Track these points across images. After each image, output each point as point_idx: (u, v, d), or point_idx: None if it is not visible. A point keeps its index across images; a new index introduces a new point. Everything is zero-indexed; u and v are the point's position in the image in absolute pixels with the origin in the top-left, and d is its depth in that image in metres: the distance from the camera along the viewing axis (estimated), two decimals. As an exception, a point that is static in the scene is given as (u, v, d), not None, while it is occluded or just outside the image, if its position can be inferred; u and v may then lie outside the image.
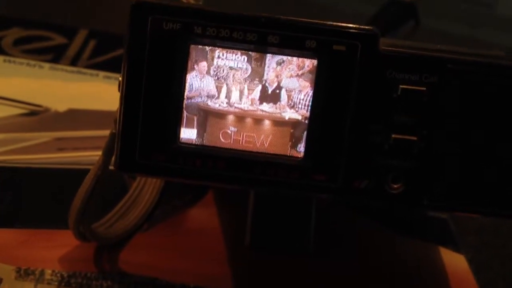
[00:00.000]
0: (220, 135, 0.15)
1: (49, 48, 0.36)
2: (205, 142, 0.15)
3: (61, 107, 0.30)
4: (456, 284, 0.21)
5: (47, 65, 0.34)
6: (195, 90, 0.15)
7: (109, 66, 0.35)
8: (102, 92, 0.32)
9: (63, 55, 0.35)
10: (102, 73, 0.34)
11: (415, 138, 0.14)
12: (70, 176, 0.25)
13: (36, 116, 0.29)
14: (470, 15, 0.64)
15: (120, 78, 0.16)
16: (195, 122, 0.15)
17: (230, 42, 0.14)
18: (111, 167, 0.18)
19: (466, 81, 0.14)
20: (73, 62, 0.35)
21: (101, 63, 0.35)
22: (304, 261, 0.21)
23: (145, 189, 0.23)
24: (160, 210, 0.23)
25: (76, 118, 0.29)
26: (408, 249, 0.23)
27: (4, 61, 0.33)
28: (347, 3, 0.65)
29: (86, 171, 0.22)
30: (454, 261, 0.23)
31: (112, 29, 0.42)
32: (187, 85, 0.14)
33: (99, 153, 0.23)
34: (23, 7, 0.45)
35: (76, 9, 0.48)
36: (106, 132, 0.27)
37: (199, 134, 0.15)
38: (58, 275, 0.20)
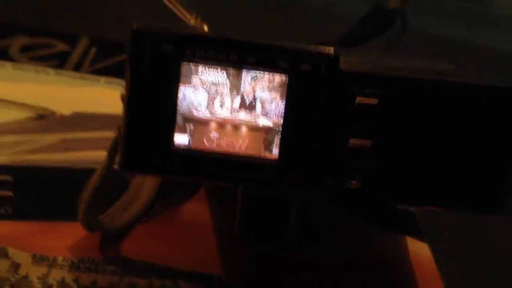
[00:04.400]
0: (205, 140, 0.17)
1: (53, 54, 0.38)
2: (193, 146, 0.17)
3: (66, 110, 0.33)
4: (418, 269, 0.24)
5: (52, 71, 0.36)
6: (186, 101, 0.17)
7: (109, 72, 0.37)
8: (103, 97, 0.34)
9: (66, 61, 0.38)
10: (103, 79, 0.36)
11: (369, 142, 0.17)
12: (76, 174, 0.28)
13: (44, 119, 0.32)
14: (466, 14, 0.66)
15: (123, 90, 0.19)
16: (187, 129, 0.17)
17: (214, 62, 0.17)
18: (115, 166, 0.20)
19: (411, 95, 0.17)
20: (76, 68, 0.37)
21: (102, 69, 0.37)
22: (287, 251, 0.24)
23: (144, 186, 0.25)
24: (157, 205, 0.26)
25: (81, 120, 0.32)
26: (378, 240, 0.25)
27: (13, 67, 0.36)
28: (342, 4, 0.67)
29: (90, 169, 0.24)
30: (419, 250, 0.26)
31: (111, 36, 0.45)
32: (179, 97, 0.17)
33: (102, 152, 0.26)
34: (25, 14, 0.48)
35: (76, 16, 0.50)
36: (109, 133, 0.30)
37: (189, 139, 0.17)
38: (69, 260, 0.22)
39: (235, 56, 0.17)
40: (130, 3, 0.43)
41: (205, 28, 0.34)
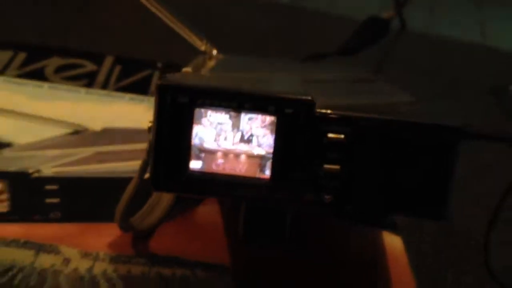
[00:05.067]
0: (213, 165, 0.22)
1: (83, 74, 0.43)
2: (205, 170, 0.22)
3: (97, 126, 0.38)
4: (391, 259, 0.29)
5: (83, 90, 0.42)
6: (198, 137, 0.22)
7: (133, 88, 0.42)
8: (129, 112, 0.39)
9: (94, 80, 0.43)
10: (127, 95, 0.41)
11: (338, 167, 0.22)
12: (109, 182, 0.33)
13: (79, 135, 0.37)
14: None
15: (150, 125, 0.24)
16: (200, 157, 0.22)
17: (220, 107, 0.22)
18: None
19: (368, 131, 0.22)
20: (104, 86, 0.42)
21: (126, 86, 0.43)
22: (281, 248, 0.29)
23: (165, 194, 0.31)
24: (176, 208, 0.31)
25: (110, 135, 0.37)
26: (358, 234, 0.31)
27: (49, 87, 0.42)
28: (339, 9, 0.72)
29: (121, 178, 0.30)
30: (393, 242, 0.31)
31: (133, 55, 0.50)
32: (193, 133, 0.22)
33: (130, 163, 0.32)
34: (57, 37, 0.53)
35: (101, 36, 0.55)
36: (135, 146, 0.35)
37: (202, 165, 0.22)
38: (108, 255, 0.28)
39: (235, 103, 0.22)
40: (149, 26, 0.47)
41: (214, 51, 0.39)
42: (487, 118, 0.59)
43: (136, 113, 0.38)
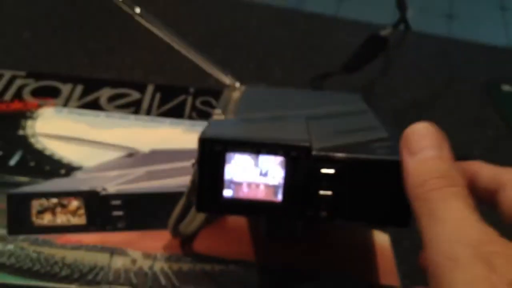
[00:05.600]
0: (240, 193, 0.31)
1: (130, 102, 0.52)
2: (234, 197, 0.31)
3: (145, 148, 0.47)
4: (379, 253, 0.38)
5: (132, 117, 0.50)
6: (229, 173, 0.31)
7: (171, 113, 0.50)
8: (170, 134, 0.47)
9: (140, 107, 0.51)
10: (168, 120, 0.50)
11: (330, 193, 0.30)
12: (159, 197, 0.42)
13: (132, 157, 0.46)
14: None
15: (194, 162, 0.32)
16: (230, 187, 0.31)
17: (244, 152, 0.30)
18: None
19: (349, 165, 0.30)
20: (148, 112, 0.51)
21: (166, 111, 0.51)
22: (295, 242, 0.37)
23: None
24: (212, 218, 0.40)
25: (157, 155, 0.46)
26: (351, 231, 0.39)
27: (105, 116, 0.50)
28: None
29: (169, 192, 0.39)
30: (381, 238, 0.39)
31: (171, 82, 0.58)
32: (225, 171, 0.31)
33: (176, 179, 0.41)
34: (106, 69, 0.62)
35: (142, 67, 0.64)
36: (178, 164, 0.44)
37: (232, 193, 0.31)
38: (164, 255, 0.37)
39: (255, 150, 0.30)
40: (181, 61, 0.55)
41: (237, 84, 0.47)
42: (480, 116, 0.66)
43: (176, 135, 0.47)
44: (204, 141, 0.30)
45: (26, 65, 0.62)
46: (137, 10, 0.46)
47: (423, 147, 0.28)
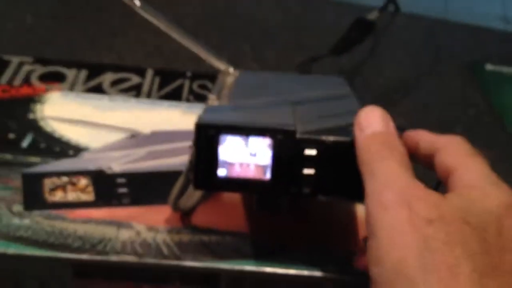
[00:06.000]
0: (232, 172, 0.34)
1: (131, 86, 0.55)
2: (227, 176, 0.34)
3: (146, 129, 0.50)
4: (359, 226, 0.41)
5: (133, 100, 0.53)
6: (222, 154, 0.34)
7: (170, 96, 0.54)
8: (169, 116, 0.50)
9: (140, 91, 0.55)
10: (167, 103, 0.53)
11: (313, 170, 0.34)
12: (161, 175, 0.45)
13: (134, 138, 0.49)
14: None
15: (191, 145, 0.36)
16: (224, 167, 0.34)
17: (236, 134, 0.34)
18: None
19: (330, 146, 0.33)
20: (148, 96, 0.54)
21: (165, 94, 0.54)
22: (282, 216, 0.41)
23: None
24: (208, 193, 0.43)
25: (157, 137, 0.49)
26: (333, 206, 0.43)
27: (108, 99, 0.53)
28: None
29: (169, 171, 0.42)
30: (362, 212, 0.43)
31: (169, 65, 0.62)
32: (218, 152, 0.34)
33: (175, 159, 0.44)
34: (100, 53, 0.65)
35: (142, 53, 0.68)
36: (177, 145, 0.47)
37: (225, 172, 0.34)
38: (165, 228, 0.40)
39: (245, 132, 0.34)
40: (179, 44, 0.59)
41: (231, 69, 0.50)
42: (463, 95, 0.70)
43: (175, 117, 0.50)
44: (200, 126, 0.34)
45: (31, 50, 0.66)
46: (137, 2, 0.49)
47: (370, 123, 0.32)
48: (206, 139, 0.34)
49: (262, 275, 0.38)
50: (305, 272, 0.38)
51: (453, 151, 0.31)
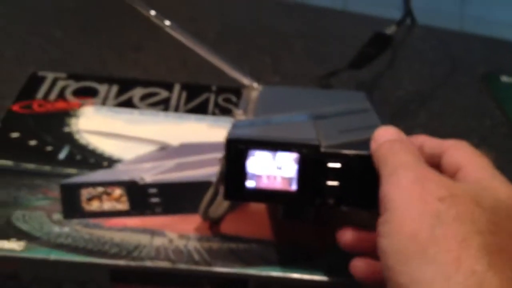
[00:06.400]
0: (261, 184, 0.37)
1: (160, 100, 0.57)
2: (256, 187, 0.37)
3: (175, 142, 0.52)
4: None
5: (162, 114, 0.56)
6: (251, 167, 0.37)
7: (197, 110, 0.56)
8: (196, 129, 0.53)
9: (169, 104, 0.57)
10: (193, 116, 0.55)
11: (337, 182, 0.36)
12: (189, 186, 0.48)
13: (164, 150, 0.52)
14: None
15: (221, 157, 0.38)
16: (253, 179, 0.37)
17: (264, 149, 0.36)
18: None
19: (353, 160, 0.35)
20: (176, 109, 0.57)
21: (192, 108, 0.57)
22: (307, 225, 0.44)
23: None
24: (236, 203, 0.46)
25: (186, 149, 0.52)
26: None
27: (139, 113, 0.56)
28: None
29: (197, 182, 0.45)
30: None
31: (194, 78, 0.64)
32: (247, 165, 0.37)
33: (203, 170, 0.47)
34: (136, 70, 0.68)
35: (168, 68, 0.70)
36: (206, 156, 0.50)
37: (254, 184, 0.37)
38: (196, 236, 0.43)
39: (272, 148, 0.36)
40: (203, 58, 0.61)
41: (255, 84, 0.53)
42: (478, 106, 0.72)
43: (202, 129, 0.53)
44: (230, 141, 0.36)
45: (60, 64, 0.69)
46: (167, 22, 0.51)
47: (384, 136, 0.35)
48: (235, 153, 0.36)
49: (288, 281, 0.40)
50: (330, 279, 0.40)
51: (461, 150, 0.34)
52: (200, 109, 0.55)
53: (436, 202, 0.28)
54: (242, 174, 0.37)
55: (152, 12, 0.51)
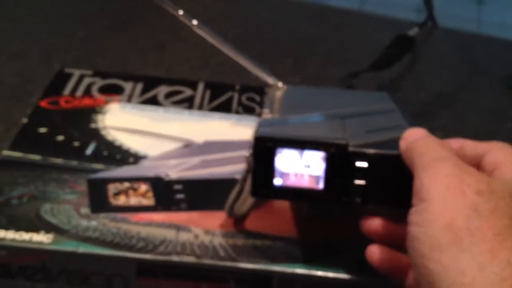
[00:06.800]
0: (288, 181, 0.37)
1: (184, 99, 0.58)
2: (283, 185, 0.37)
3: (199, 139, 0.53)
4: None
5: (186, 112, 0.56)
6: (278, 164, 0.37)
7: (221, 108, 0.57)
8: (220, 127, 0.53)
9: (193, 103, 0.58)
10: (217, 114, 0.56)
11: (364, 181, 0.36)
12: (214, 183, 0.49)
13: (188, 147, 0.52)
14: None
15: (247, 154, 0.39)
16: (281, 176, 0.37)
17: (292, 148, 0.37)
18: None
19: (380, 159, 0.36)
20: (200, 107, 0.57)
21: (216, 106, 0.57)
22: (331, 222, 0.44)
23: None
24: (261, 200, 0.46)
25: (210, 146, 0.52)
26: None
27: (164, 111, 0.57)
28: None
29: (221, 179, 0.45)
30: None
31: (216, 77, 0.65)
32: (275, 163, 0.37)
33: (227, 168, 0.47)
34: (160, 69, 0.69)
35: (194, 67, 0.71)
36: (230, 154, 0.50)
37: (281, 181, 0.37)
38: (221, 232, 0.43)
39: (300, 146, 0.36)
40: (225, 56, 0.62)
41: (280, 84, 0.53)
42: (500, 109, 0.71)
43: (226, 128, 0.53)
44: (258, 139, 0.37)
45: (84, 62, 0.70)
46: (195, 22, 0.52)
47: (413, 136, 0.36)
48: (264, 151, 0.37)
49: (313, 278, 0.40)
50: (354, 277, 0.40)
51: (501, 151, 0.34)
52: (224, 108, 0.56)
53: (474, 195, 0.29)
54: (269, 172, 0.37)
55: (180, 12, 0.52)
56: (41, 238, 0.41)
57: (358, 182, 0.36)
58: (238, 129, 0.53)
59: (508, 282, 0.26)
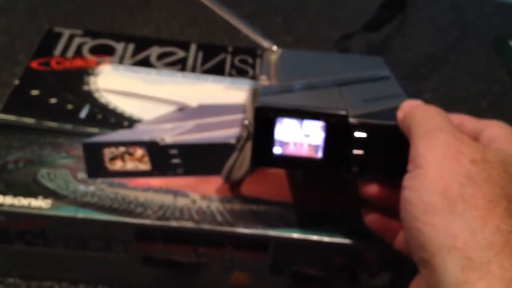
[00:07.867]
0: (287, 150, 0.38)
1: (176, 60, 0.57)
2: (282, 154, 0.38)
3: (194, 103, 0.53)
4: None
5: (179, 74, 0.56)
6: (278, 133, 0.38)
7: (214, 71, 0.56)
8: (214, 90, 0.53)
9: (186, 64, 0.57)
10: (211, 77, 0.56)
11: (362, 151, 0.37)
12: (209, 147, 0.49)
13: (182, 111, 0.52)
14: None
15: (246, 123, 0.39)
16: (280, 145, 0.38)
17: (291, 117, 0.37)
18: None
19: (379, 129, 0.36)
20: (193, 70, 0.57)
21: (208, 69, 0.57)
22: (325, 187, 0.45)
23: (247, 155, 0.46)
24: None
25: (204, 110, 0.52)
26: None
27: (156, 73, 0.56)
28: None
29: (217, 143, 0.46)
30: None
31: (206, 36, 0.64)
32: (275, 132, 0.37)
33: (222, 131, 0.47)
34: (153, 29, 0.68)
35: (185, 26, 0.70)
36: (224, 118, 0.50)
37: (281, 150, 0.38)
38: (218, 197, 0.44)
39: (300, 116, 0.37)
40: (214, 15, 0.61)
41: (274, 47, 0.53)
42: (488, 71, 0.72)
43: (219, 91, 0.53)
44: (259, 109, 0.37)
45: (73, 19, 0.68)
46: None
47: (410, 106, 0.36)
48: (264, 121, 0.37)
49: (308, 243, 0.42)
50: (349, 242, 0.41)
51: (499, 127, 0.35)
52: (217, 70, 0.55)
53: (468, 164, 0.30)
54: (269, 141, 0.37)
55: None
56: (40, 203, 0.41)
57: (357, 151, 0.37)
58: (232, 92, 0.53)
59: (497, 247, 0.27)
